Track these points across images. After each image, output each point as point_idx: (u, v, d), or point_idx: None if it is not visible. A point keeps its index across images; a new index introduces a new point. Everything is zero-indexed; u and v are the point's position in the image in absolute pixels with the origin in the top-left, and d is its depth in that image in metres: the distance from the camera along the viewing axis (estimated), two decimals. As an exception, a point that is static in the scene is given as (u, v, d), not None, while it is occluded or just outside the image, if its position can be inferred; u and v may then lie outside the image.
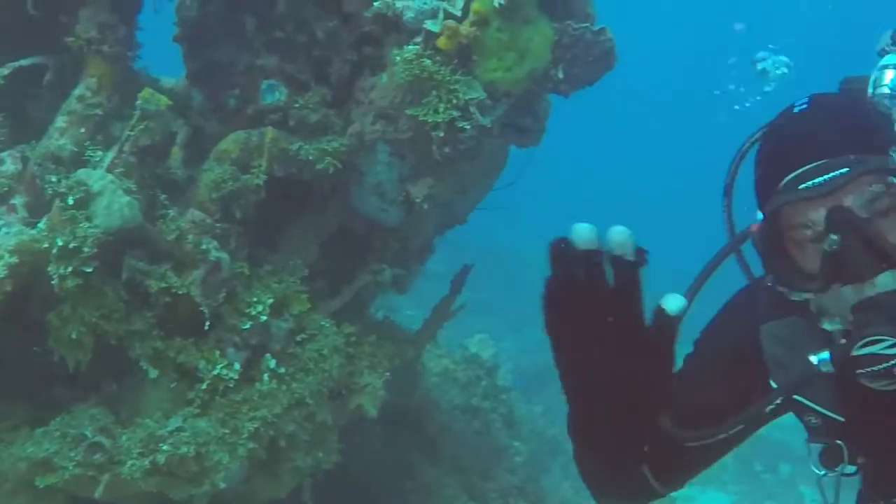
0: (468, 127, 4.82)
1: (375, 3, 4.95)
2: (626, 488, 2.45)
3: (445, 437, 7.67)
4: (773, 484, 13.34)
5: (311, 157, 5.15)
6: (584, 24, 5.11)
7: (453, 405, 8.03)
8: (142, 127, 5.05)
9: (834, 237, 2.09)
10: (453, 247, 8.02)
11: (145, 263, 4.89)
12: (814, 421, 2.40)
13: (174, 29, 5.65)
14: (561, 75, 5.11)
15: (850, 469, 2.42)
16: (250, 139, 5.19)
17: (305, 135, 5.24)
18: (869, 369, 2.08)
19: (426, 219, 5.79)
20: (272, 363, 5.13)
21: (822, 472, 2.43)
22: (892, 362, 2.05)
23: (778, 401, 2.29)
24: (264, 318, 5.10)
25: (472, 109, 4.81)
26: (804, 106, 2.24)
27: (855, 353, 2.08)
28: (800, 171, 2.13)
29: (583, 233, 1.87)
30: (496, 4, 4.75)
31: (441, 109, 4.79)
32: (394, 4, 4.88)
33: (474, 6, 4.77)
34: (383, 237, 5.73)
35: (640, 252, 1.90)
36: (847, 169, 2.07)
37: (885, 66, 2.22)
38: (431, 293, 6.55)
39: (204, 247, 4.98)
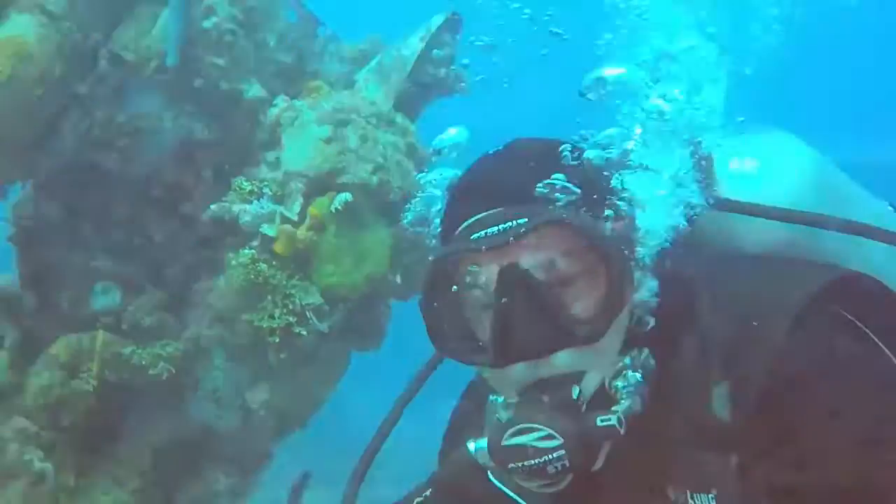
0: (305, 333, 4.75)
1: (212, 206, 4.92)
2: None
3: None
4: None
5: (144, 362, 4.99)
6: (423, 229, 5.13)
7: None
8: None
9: (504, 302, 1.71)
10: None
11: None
12: None
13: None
14: (399, 280, 5.10)
15: None
16: (81, 343, 5.03)
17: (139, 338, 5.09)
18: (520, 464, 1.68)
19: (264, 425, 5.63)
20: (97, 578, 4.86)
21: None
22: (544, 458, 1.66)
23: (427, 493, 1.93)
24: (90, 532, 4.85)
25: (309, 315, 4.75)
26: (500, 148, 1.89)
27: (505, 442, 1.71)
28: (474, 218, 1.76)
29: None
30: (333, 209, 4.76)
31: (277, 315, 4.73)
32: (230, 208, 4.85)
33: (311, 211, 4.77)
34: (219, 445, 5.54)
35: None
36: (525, 219, 1.70)
37: None
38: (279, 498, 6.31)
39: (27, 457, 4.76)
